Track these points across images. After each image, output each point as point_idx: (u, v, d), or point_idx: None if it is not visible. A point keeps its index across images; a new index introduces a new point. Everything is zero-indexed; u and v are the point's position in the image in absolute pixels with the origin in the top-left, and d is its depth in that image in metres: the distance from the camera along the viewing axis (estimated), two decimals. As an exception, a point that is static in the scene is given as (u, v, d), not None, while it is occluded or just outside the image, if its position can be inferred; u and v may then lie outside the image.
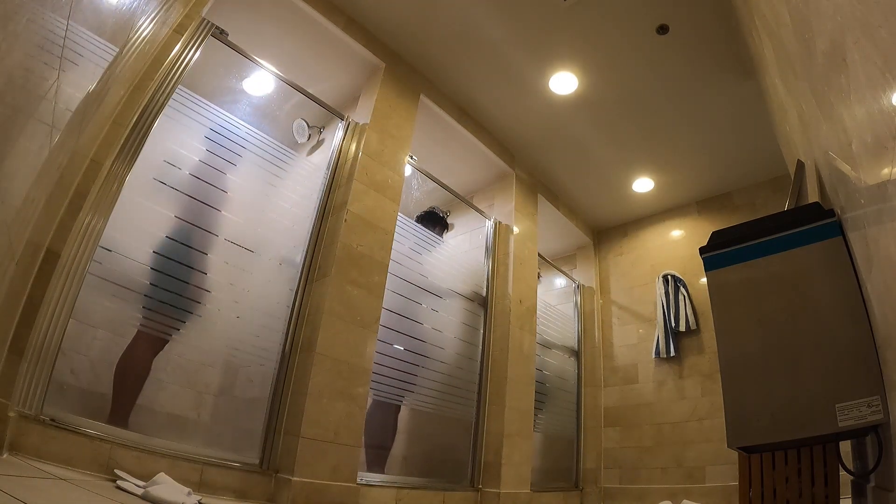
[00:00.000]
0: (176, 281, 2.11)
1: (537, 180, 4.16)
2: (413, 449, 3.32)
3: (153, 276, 2.04)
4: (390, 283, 2.67)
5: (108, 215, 1.82)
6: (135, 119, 1.95)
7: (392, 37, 3.05)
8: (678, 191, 4.26)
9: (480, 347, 3.27)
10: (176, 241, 2.14)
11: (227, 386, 3.04)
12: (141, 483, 1.53)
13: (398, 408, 2.98)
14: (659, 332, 4.00)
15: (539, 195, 4.12)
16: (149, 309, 2.04)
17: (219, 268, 2.31)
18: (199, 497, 1.65)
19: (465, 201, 3.72)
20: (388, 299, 2.67)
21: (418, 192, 3.73)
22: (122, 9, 1.53)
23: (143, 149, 1.96)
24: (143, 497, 1.44)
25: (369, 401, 2.47)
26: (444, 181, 3.43)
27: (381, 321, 2.54)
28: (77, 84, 1.32)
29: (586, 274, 4.73)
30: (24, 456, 1.45)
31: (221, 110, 2.38)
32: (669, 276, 4.13)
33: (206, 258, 2.26)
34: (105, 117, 1.85)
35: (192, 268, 2.18)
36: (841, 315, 1.24)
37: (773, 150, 3.26)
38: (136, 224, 2.04)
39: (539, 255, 4.00)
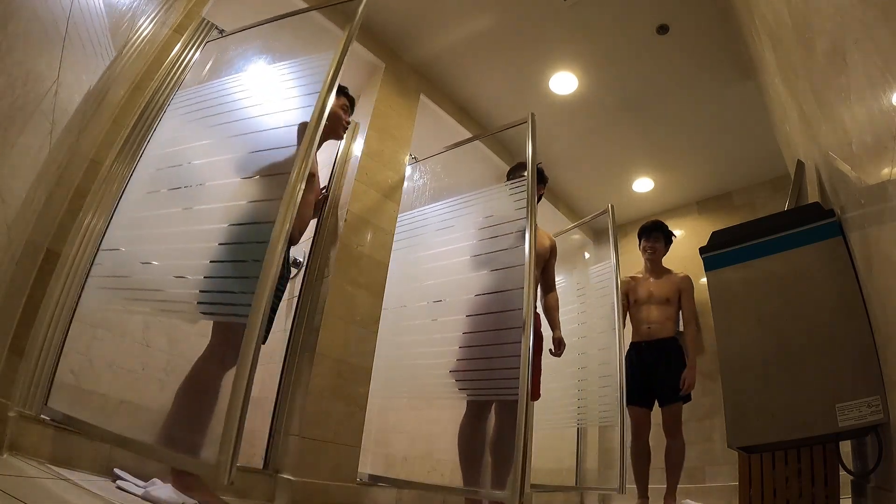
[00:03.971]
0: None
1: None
2: (418, 448, 3.32)
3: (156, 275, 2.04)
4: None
5: (108, 215, 1.82)
6: (135, 119, 1.95)
7: (392, 37, 3.05)
8: (678, 191, 4.26)
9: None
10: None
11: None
12: (141, 483, 1.53)
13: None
14: (659, 332, 3.99)
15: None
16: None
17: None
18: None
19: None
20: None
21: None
22: (122, 9, 1.53)
23: (144, 149, 1.96)
24: (143, 497, 1.43)
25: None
26: (446, 181, 3.42)
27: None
28: (77, 84, 1.32)
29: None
30: (24, 456, 1.45)
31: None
32: (669, 276, 4.12)
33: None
34: (105, 117, 1.85)
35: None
36: (841, 315, 1.24)
37: (773, 150, 3.26)
38: (137, 223, 2.04)
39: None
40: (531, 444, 1.94)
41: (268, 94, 1.83)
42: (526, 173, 2.29)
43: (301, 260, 2.61)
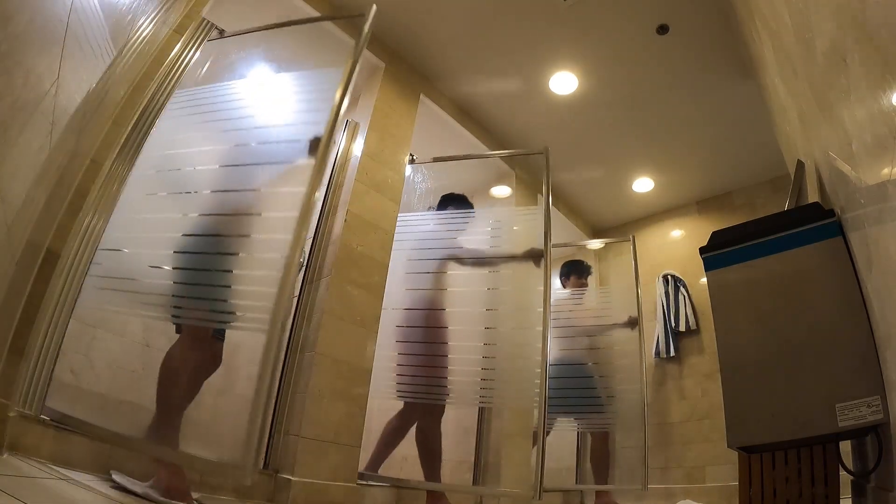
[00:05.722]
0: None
1: (537, 180, 4.16)
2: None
3: (157, 275, 2.03)
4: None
5: (108, 215, 1.82)
6: (135, 119, 1.95)
7: (392, 37, 3.05)
8: (678, 191, 4.26)
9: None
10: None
11: (228, 386, 3.04)
12: (141, 483, 1.53)
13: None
14: (659, 332, 4.00)
15: (539, 195, 4.12)
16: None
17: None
18: (198, 495, 1.65)
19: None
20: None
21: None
22: (122, 9, 1.53)
23: (144, 149, 1.96)
24: (142, 496, 1.44)
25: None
26: (446, 182, 3.42)
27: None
28: (77, 84, 1.32)
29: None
30: (24, 456, 1.45)
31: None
32: (669, 276, 4.13)
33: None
34: (105, 117, 1.85)
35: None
36: (841, 315, 1.24)
37: (773, 150, 3.26)
38: (138, 223, 2.04)
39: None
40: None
41: (273, 103, 1.82)
42: (543, 203, 2.47)
43: (301, 260, 2.61)
